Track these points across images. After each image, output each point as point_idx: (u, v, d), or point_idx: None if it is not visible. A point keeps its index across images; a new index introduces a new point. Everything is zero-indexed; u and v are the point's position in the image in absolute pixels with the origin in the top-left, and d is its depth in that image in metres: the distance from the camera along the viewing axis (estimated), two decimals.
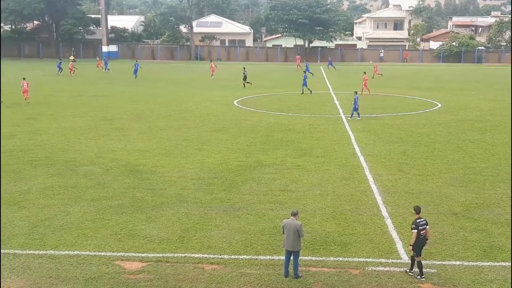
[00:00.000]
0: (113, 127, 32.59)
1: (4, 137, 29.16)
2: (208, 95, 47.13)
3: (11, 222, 17.29)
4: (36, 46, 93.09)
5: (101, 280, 13.66)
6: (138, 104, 41.56)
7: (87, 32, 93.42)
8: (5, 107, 39.10)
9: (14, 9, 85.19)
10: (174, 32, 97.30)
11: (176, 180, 21.94)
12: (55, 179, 21.92)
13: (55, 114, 36.53)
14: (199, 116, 36.61)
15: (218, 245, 15.85)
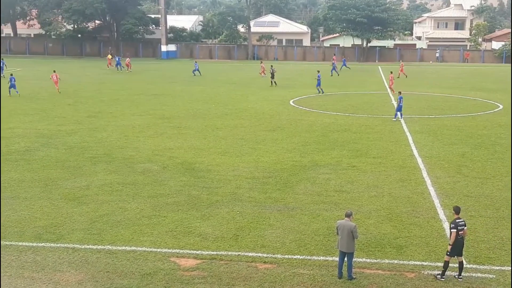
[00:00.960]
0: (171, 125, 33.05)
1: (66, 134, 29.97)
2: (264, 95, 47.23)
3: (71, 217, 17.75)
4: (97, 45, 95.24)
5: (156, 276, 13.87)
6: (195, 103, 42.01)
7: (147, 31, 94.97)
8: (67, 104, 40.17)
9: (77, 9, 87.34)
10: (231, 32, 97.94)
11: (231, 179, 22.08)
12: (114, 176, 22.39)
13: (115, 112, 37.29)
14: (255, 116, 36.74)
15: (271, 244, 15.87)
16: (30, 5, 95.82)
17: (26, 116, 35.30)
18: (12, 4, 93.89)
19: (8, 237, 16.07)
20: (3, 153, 25.71)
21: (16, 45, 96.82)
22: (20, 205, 18.72)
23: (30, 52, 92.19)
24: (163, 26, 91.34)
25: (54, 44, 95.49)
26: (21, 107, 38.67)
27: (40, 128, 31.40)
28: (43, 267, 14.29)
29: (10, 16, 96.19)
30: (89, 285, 13.42)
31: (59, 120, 33.98)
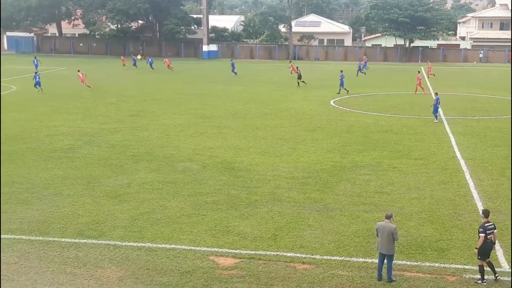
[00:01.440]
0: (211, 125, 33.22)
1: (108, 132, 30.41)
2: (304, 95, 47.09)
3: (112, 215, 18.00)
4: (140, 45, 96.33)
5: (195, 274, 13.96)
6: (235, 103, 42.15)
7: (189, 31, 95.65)
8: (110, 103, 40.77)
9: (121, 9, 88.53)
10: (273, 32, 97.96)
11: (271, 179, 22.08)
12: (155, 174, 22.62)
13: (156, 112, 37.67)
14: (295, 116, 36.66)
15: (310, 245, 15.82)
16: (75, 5, 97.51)
17: (70, 114, 35.94)
18: (58, 4, 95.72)
19: (51, 233, 16.39)
20: (48, 150, 26.23)
21: (61, 44, 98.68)
22: (63, 202, 19.08)
23: (74, 52, 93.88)
24: (205, 26, 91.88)
25: (98, 43, 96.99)
26: (65, 106, 39.40)
27: (84, 127, 31.94)
28: (85, 263, 14.53)
29: (56, 16, 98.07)
30: (130, 281, 13.59)
31: (102, 119, 34.51)
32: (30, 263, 14.48)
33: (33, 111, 37.03)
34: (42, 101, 41.62)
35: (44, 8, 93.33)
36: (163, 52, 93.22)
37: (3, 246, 15.44)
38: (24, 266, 14.30)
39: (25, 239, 15.95)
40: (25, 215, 17.81)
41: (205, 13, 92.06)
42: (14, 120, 33.40)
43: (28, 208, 18.46)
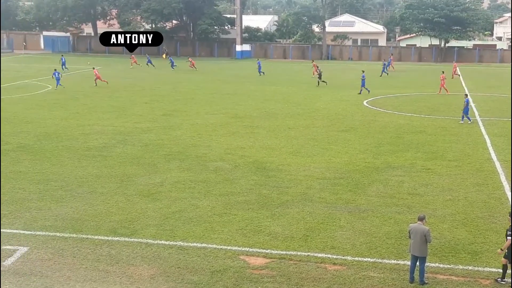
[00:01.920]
0: (243, 124, 33.28)
1: (142, 131, 30.69)
2: (337, 95, 46.87)
3: (145, 213, 18.16)
4: (174, 44, 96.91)
5: (226, 274, 14.01)
6: (268, 103, 42.15)
7: (222, 31, 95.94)
8: (143, 103, 41.14)
9: (156, 9, 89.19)
10: (306, 32, 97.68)
11: (302, 179, 22.03)
12: (187, 173, 22.76)
13: (189, 111, 37.89)
14: (328, 116, 36.51)
15: (341, 246, 15.74)
16: (110, 5, 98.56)
17: (104, 113, 36.36)
18: (93, 4, 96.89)
19: (85, 230, 16.61)
20: (82, 149, 26.58)
21: (97, 44, 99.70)
22: (96, 200, 19.32)
23: (109, 51, 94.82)
24: (238, 26, 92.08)
25: None
26: (99, 105, 39.88)
27: (117, 125, 32.28)
28: (117, 260, 14.69)
29: (91, 16, 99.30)
30: (161, 280, 13.70)
31: (135, 118, 34.84)
32: (64, 259, 14.70)
33: (69, 109, 37.57)
34: (77, 100, 42.20)
35: (80, 8, 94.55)
36: (197, 52, 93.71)
37: (38, 242, 15.71)
38: (58, 262, 14.52)
39: (59, 236, 16.20)
40: (59, 212, 18.08)
41: (238, 13, 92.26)
42: (49, 119, 33.94)
43: (63, 205, 18.74)
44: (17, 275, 13.76)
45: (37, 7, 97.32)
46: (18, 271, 13.98)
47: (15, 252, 15.04)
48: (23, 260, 14.62)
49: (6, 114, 35.11)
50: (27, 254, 14.98)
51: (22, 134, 29.50)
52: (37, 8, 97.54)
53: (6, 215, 17.75)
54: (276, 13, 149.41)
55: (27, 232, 16.44)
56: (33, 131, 30.21)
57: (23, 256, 14.85)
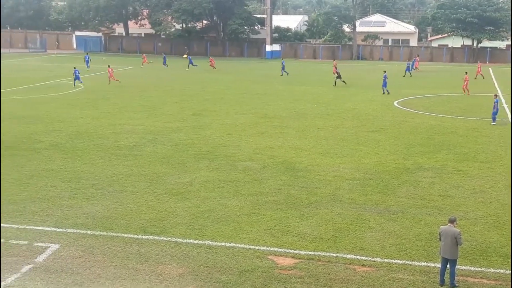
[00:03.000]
0: (272, 124, 33.26)
1: (172, 131, 30.88)
2: (367, 96, 46.59)
3: (174, 212, 18.27)
4: (204, 44, 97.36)
5: (254, 273, 14.01)
6: (297, 103, 42.07)
7: (252, 31, 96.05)
8: (173, 102, 41.39)
9: (186, 9, 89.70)
10: (336, 32, 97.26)
11: (331, 180, 21.94)
12: (216, 173, 22.83)
13: (219, 111, 38.00)
14: (357, 116, 36.31)
15: (371, 247, 15.63)
16: (142, 6, 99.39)
17: (135, 113, 36.67)
18: (125, 5, 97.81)
19: (115, 228, 16.77)
20: (113, 148, 26.84)
21: (128, 44, 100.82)
22: (126, 198, 19.49)
23: (140, 51, 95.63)
24: (268, 26, 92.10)
25: (163, 43, 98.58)
26: (130, 104, 40.23)
27: (148, 125, 32.53)
28: (146, 259, 14.79)
29: (123, 16, 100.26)
30: (190, 278, 13.76)
31: (165, 117, 35.06)
32: (94, 257, 14.86)
33: (100, 109, 37.98)
34: (108, 99, 42.64)
35: (112, 8, 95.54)
36: (227, 52, 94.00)
37: (69, 240, 15.91)
38: (89, 260, 14.68)
39: (90, 234, 16.38)
40: (90, 210, 18.29)
41: (268, 13, 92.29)
42: (81, 118, 34.34)
43: (93, 203, 18.95)
44: (48, 272, 13.96)
45: (70, 7, 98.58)
46: (49, 268, 14.18)
47: (47, 249, 15.26)
48: (54, 257, 14.82)
49: (39, 113, 35.66)
50: (58, 251, 15.19)
51: (54, 133, 29.91)
52: (69, 8, 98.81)
53: (38, 212, 18.03)
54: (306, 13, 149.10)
55: (59, 229, 16.66)
56: (65, 130, 30.61)
57: (54, 253, 15.06)
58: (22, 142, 27.51)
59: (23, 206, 18.51)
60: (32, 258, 14.72)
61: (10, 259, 14.63)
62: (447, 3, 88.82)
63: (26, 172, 22.43)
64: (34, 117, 34.22)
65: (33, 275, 13.78)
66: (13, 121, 32.55)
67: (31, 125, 31.63)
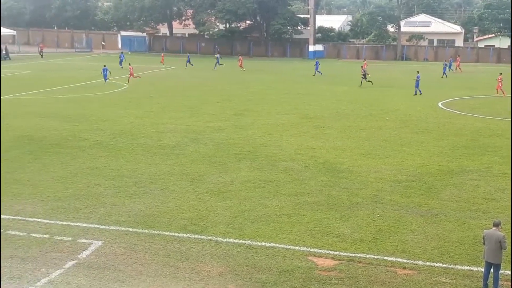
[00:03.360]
0: (314, 125, 33.15)
1: (213, 131, 31.05)
2: (411, 96, 46.02)
3: (215, 211, 18.36)
4: (247, 44, 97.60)
5: (294, 274, 13.98)
6: (339, 103, 41.84)
7: (295, 32, 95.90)
8: (215, 102, 41.61)
9: (230, 9, 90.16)
10: (380, 32, 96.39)
11: (373, 181, 21.75)
12: (257, 173, 22.86)
13: (261, 111, 38.05)
14: (401, 117, 35.90)
15: (412, 250, 15.43)
16: (186, 6, 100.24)
17: (177, 112, 37.00)
18: (169, 5, 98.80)
19: (156, 226, 16.94)
20: (155, 146, 27.13)
21: (172, 44, 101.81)
22: (168, 197, 19.67)
23: (184, 51, 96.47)
24: (312, 26, 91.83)
25: (207, 43, 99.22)
26: (173, 104, 40.61)
27: (190, 124, 32.77)
28: (187, 257, 14.91)
29: (167, 16, 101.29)
30: (229, 277, 13.81)
31: (207, 117, 35.27)
32: (136, 254, 15.04)
33: (143, 108, 38.45)
34: (151, 98, 43.13)
35: (157, 8, 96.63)
36: (269, 52, 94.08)
37: (112, 237, 16.15)
38: (131, 257, 14.87)
39: (132, 231, 16.59)
40: (132, 208, 18.53)
41: (312, 13, 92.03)
42: (124, 117, 34.83)
43: (136, 201, 19.19)
44: (91, 268, 14.19)
45: (115, 8, 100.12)
46: (92, 264, 14.41)
47: (90, 246, 15.52)
48: (97, 253, 15.06)
49: (84, 111, 36.31)
50: (101, 248, 15.43)
51: (98, 131, 30.41)
52: (115, 9, 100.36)
53: (82, 209, 18.35)
54: (350, 13, 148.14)
55: (102, 226, 16.93)
56: (109, 129, 31.09)
57: (97, 249, 15.30)
58: (67, 140, 28.06)
59: (67, 203, 18.88)
60: (76, 254, 14.99)
61: (55, 254, 14.93)
62: (494, 3, 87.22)
63: (71, 170, 22.87)
64: (79, 115, 34.86)
65: (77, 271, 14.03)
66: (59, 120, 33.24)
67: (77, 124, 32.24)
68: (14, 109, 36.92)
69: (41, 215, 17.72)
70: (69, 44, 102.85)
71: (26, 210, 18.19)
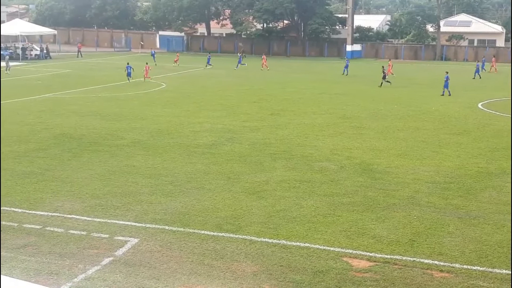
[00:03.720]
0: (351, 125, 32.95)
1: (250, 130, 31.11)
2: (449, 97, 45.36)
3: (250, 210, 18.39)
4: (284, 44, 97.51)
5: (328, 274, 13.91)
6: (377, 104, 41.49)
7: (333, 31, 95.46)
8: (252, 102, 41.67)
9: (268, 9, 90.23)
10: (420, 32, 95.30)
11: (410, 182, 21.51)
12: (292, 172, 22.82)
13: (297, 111, 37.98)
14: (439, 118, 35.42)
15: (449, 252, 15.21)
16: (224, 6, 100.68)
17: (214, 111, 37.18)
18: (208, 5, 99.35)
19: (192, 225, 17.04)
20: (192, 145, 27.30)
21: (209, 43, 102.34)
22: (204, 196, 19.78)
23: (221, 51, 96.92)
24: (350, 26, 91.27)
25: (244, 43, 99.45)
26: (210, 103, 40.82)
27: (226, 124, 32.89)
28: (222, 256, 14.96)
29: (205, 16, 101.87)
30: (263, 277, 13.81)
31: (244, 117, 35.36)
32: (172, 252, 15.15)
33: (180, 107, 38.74)
34: (188, 98, 43.43)
35: (195, 8, 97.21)
36: (307, 51, 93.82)
37: (148, 234, 16.30)
38: (166, 255, 14.98)
39: (168, 229, 16.71)
40: (168, 206, 18.68)
41: (350, 13, 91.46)
42: (162, 116, 35.14)
43: (172, 200, 19.34)
44: (127, 265, 14.34)
45: (154, 8, 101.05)
46: (128, 261, 14.57)
47: (126, 243, 15.69)
48: (134, 251, 15.22)
49: (122, 110, 36.76)
50: (137, 245, 15.58)
51: (136, 130, 30.75)
52: (154, 9, 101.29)
53: (119, 207, 18.57)
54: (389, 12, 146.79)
55: (138, 224, 17.10)
56: (146, 128, 31.41)
57: (133, 247, 15.46)
58: (106, 139, 28.44)
59: (105, 201, 19.13)
60: (112, 251, 15.17)
61: (92, 251, 15.14)
62: None
63: (108, 168, 23.17)
64: (118, 114, 35.31)
65: (113, 267, 14.20)
66: (98, 118, 33.72)
67: (115, 122, 32.65)
68: (55, 107, 37.61)
69: (79, 212, 18.00)
70: (109, 43, 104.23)
71: (65, 207, 18.50)
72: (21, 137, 28.48)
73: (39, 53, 79.97)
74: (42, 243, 15.59)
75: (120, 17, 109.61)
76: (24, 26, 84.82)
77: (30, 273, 13.74)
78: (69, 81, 53.01)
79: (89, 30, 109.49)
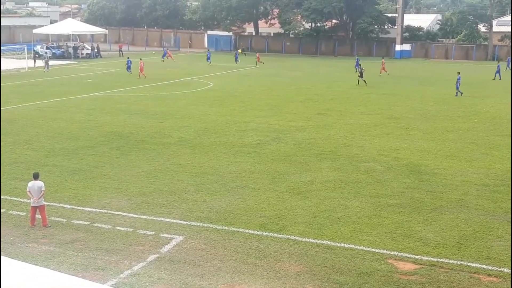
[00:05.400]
0: (398, 126, 32.52)
1: (295, 130, 31.04)
2: (502, 98, 44.30)
3: (294, 210, 18.36)
4: (332, 44, 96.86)
5: (372, 276, 13.78)
6: (425, 104, 40.85)
7: (382, 31, 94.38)
8: (299, 101, 41.56)
9: (316, 8, 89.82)
10: (471, 31, 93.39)
11: (458, 184, 21.10)
12: (337, 173, 22.68)
13: (344, 111, 37.71)
14: (490, 119, 34.65)
15: (498, 257, 14.87)
16: (273, 5, 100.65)
17: (260, 111, 37.23)
18: (256, 4, 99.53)
19: (236, 224, 17.12)
20: (237, 145, 27.41)
21: (257, 43, 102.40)
22: (248, 195, 19.83)
23: (268, 50, 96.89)
24: (399, 25, 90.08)
25: (292, 42, 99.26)
26: (256, 103, 40.89)
27: (272, 123, 32.89)
28: (265, 255, 14.98)
29: (253, 15, 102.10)
30: (307, 277, 13.77)
31: (290, 116, 35.29)
32: (216, 250, 15.25)
33: (227, 106, 38.92)
34: (235, 97, 43.61)
35: (243, 8, 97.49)
36: (355, 51, 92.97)
37: (193, 232, 16.44)
38: (210, 253, 15.09)
39: (212, 227, 16.83)
40: (213, 205, 18.80)
41: (400, 12, 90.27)
42: (208, 115, 35.38)
43: (217, 198, 19.46)
44: (172, 262, 14.51)
45: (204, 7, 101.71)
46: (173, 258, 14.73)
47: (171, 241, 15.87)
48: (178, 248, 15.38)
49: (170, 109, 37.16)
50: (182, 243, 15.74)
51: (183, 128, 31.03)
52: (203, 8, 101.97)
53: (165, 204, 18.79)
54: (439, 11, 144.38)
55: (183, 222, 17.27)
56: (193, 126, 31.66)
57: (178, 244, 15.63)
58: (153, 137, 28.79)
59: (151, 198, 19.38)
60: (158, 248, 15.37)
61: (138, 248, 15.37)
62: None
63: (155, 166, 23.46)
64: (165, 113, 35.71)
65: (158, 264, 14.38)
66: (146, 117, 34.17)
67: (162, 121, 33.03)
68: (105, 105, 38.29)
69: (126, 209, 18.29)
70: (158, 43, 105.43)
71: (112, 204, 18.82)
72: (71, 134, 29.10)
73: (90, 52, 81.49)
74: (89, 239, 15.90)
75: (170, 16, 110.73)
76: (76, 26, 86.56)
77: (77, 268, 14.03)
78: (119, 80, 53.88)
79: (139, 30, 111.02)
